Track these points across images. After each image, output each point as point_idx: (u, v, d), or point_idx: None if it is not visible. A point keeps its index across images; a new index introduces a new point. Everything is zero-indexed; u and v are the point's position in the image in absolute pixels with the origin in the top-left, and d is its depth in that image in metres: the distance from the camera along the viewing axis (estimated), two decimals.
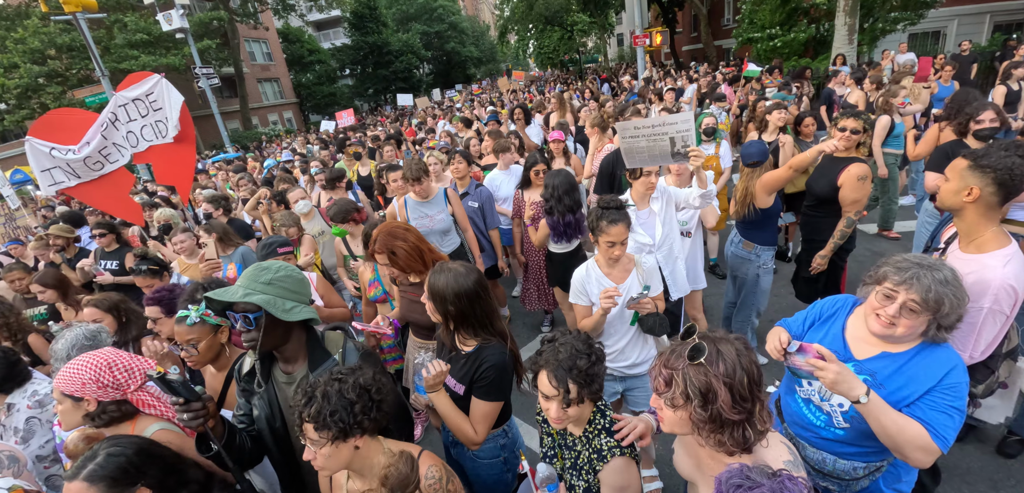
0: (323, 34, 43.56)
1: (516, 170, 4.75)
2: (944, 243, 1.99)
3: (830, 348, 1.58)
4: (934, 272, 1.39)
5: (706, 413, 1.13)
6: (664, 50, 25.59)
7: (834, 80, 8.36)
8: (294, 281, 1.69)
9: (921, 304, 1.38)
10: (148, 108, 4.40)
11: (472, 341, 1.89)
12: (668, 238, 2.98)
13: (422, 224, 3.71)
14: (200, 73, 18.59)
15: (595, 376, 1.48)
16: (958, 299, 1.37)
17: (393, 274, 2.52)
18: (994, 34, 15.97)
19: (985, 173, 1.71)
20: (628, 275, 2.39)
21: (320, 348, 1.76)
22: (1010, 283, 1.67)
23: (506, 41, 36.42)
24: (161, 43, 22.60)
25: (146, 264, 3.60)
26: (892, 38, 14.99)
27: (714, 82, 11.19)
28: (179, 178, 4.77)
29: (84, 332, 2.39)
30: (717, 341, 1.17)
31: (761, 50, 16.05)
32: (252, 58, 34.01)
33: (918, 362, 1.45)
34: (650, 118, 2.67)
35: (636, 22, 14.36)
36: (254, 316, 1.58)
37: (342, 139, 8.67)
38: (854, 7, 12.61)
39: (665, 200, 2.99)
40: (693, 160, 2.65)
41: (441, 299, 1.84)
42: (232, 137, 24.93)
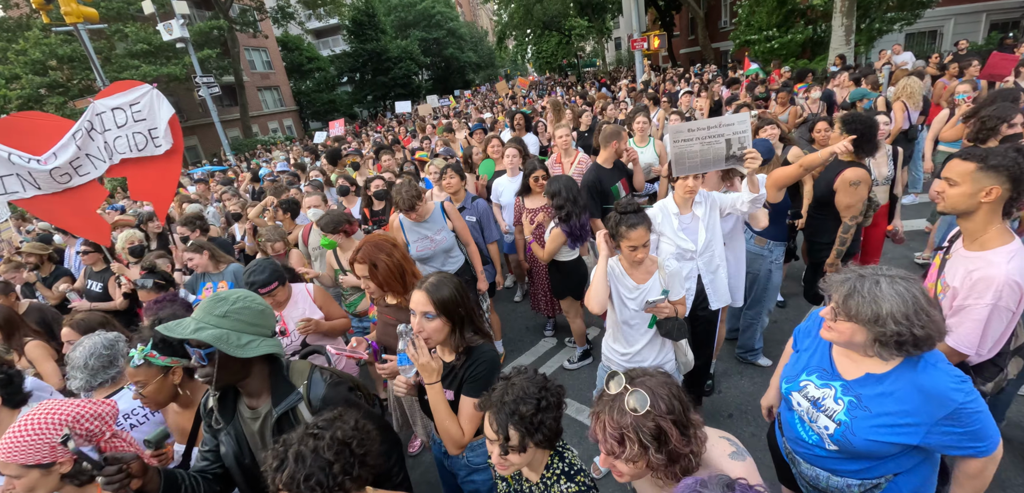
0: (322, 42, 43.79)
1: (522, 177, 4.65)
2: (948, 242, 2.00)
3: (817, 365, 1.62)
4: (867, 282, 1.36)
5: (663, 456, 1.15)
6: (662, 53, 25.65)
7: (833, 81, 8.41)
8: (253, 313, 1.59)
9: (842, 311, 1.39)
10: (129, 117, 3.98)
11: (457, 350, 1.87)
12: (711, 245, 2.87)
13: (423, 247, 3.52)
14: (201, 82, 18.67)
15: (540, 425, 1.33)
16: (897, 313, 1.29)
17: (371, 290, 2.42)
18: (990, 33, 16.05)
19: (999, 172, 1.69)
20: (650, 277, 2.38)
21: (284, 381, 1.66)
22: (1015, 279, 1.67)
23: (504, 46, 36.54)
24: (162, 53, 22.75)
25: (153, 278, 3.46)
26: (889, 38, 15.05)
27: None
28: (158, 194, 4.30)
29: (103, 341, 2.28)
30: (644, 382, 1.21)
31: (758, 52, 16.11)
32: (252, 66, 34.17)
33: (900, 382, 1.41)
34: (705, 120, 2.59)
35: (634, 26, 14.44)
36: (207, 352, 1.49)
37: (335, 150, 8.48)
38: (850, 8, 12.69)
39: (709, 205, 2.87)
40: (749, 162, 2.55)
41: (449, 306, 1.82)
42: (233, 145, 25.00)
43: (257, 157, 19.60)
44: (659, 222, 2.85)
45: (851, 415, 1.48)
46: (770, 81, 10.24)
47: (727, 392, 3.60)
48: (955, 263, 1.87)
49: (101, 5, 21.20)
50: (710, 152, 2.58)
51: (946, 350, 1.84)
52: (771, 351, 3.83)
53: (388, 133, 16.02)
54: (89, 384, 2.21)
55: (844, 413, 1.50)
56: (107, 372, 2.23)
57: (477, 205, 4.05)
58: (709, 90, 9.89)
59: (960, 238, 1.91)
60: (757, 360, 3.76)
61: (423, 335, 1.80)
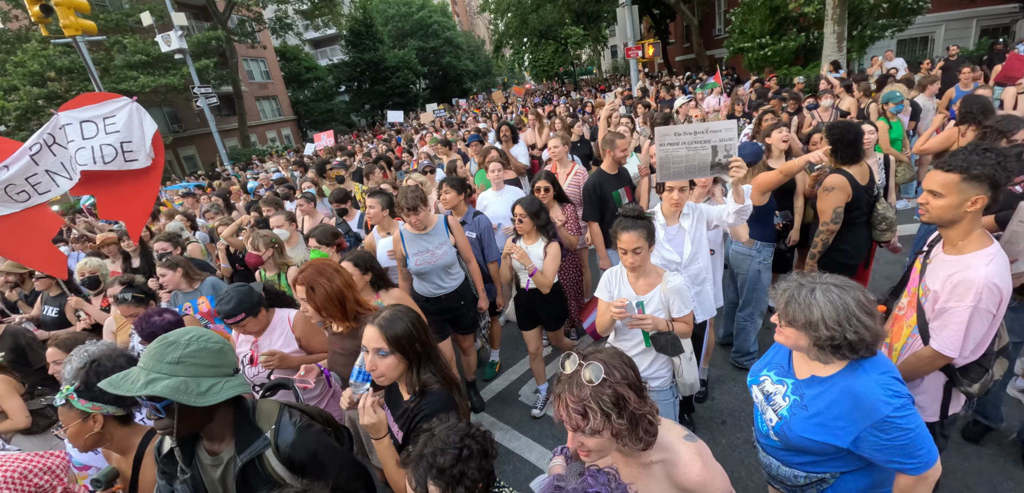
0: (320, 52, 43.98)
1: (509, 191, 4.48)
2: (927, 246, 2.03)
3: (777, 363, 1.75)
4: (803, 290, 1.45)
5: (624, 420, 1.21)
6: (658, 61, 25.86)
7: (823, 87, 8.47)
8: (210, 354, 1.46)
9: (783, 316, 1.49)
10: (100, 130, 3.66)
11: (413, 389, 1.80)
12: (697, 257, 2.86)
13: (422, 260, 3.37)
14: (198, 93, 18.70)
15: (462, 476, 1.25)
16: (829, 318, 1.38)
17: (309, 315, 2.36)
18: (981, 38, 16.21)
19: (982, 181, 1.72)
20: (652, 288, 2.36)
21: (249, 425, 1.54)
22: (994, 282, 1.71)
23: (501, 55, 36.79)
24: (160, 64, 22.82)
25: (132, 292, 3.28)
26: (881, 44, 15.21)
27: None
28: (132, 213, 3.99)
29: (86, 357, 2.18)
30: (597, 355, 1.28)
31: (752, 59, 16.25)
32: (250, 76, 34.28)
33: (837, 386, 1.50)
34: (692, 124, 2.57)
35: (628, 34, 14.53)
36: (163, 404, 1.37)
37: (321, 162, 8.30)
38: (842, 15, 12.83)
39: (696, 217, 2.86)
40: (734, 171, 2.52)
41: (405, 340, 1.75)
42: (231, 155, 25.04)
43: (253, 167, 19.48)
44: None
45: (791, 411, 1.60)
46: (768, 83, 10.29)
47: (720, 399, 3.61)
48: (936, 267, 1.90)
49: (100, 17, 21.28)
50: (696, 158, 2.55)
51: (930, 353, 1.87)
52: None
53: (383, 144, 15.73)
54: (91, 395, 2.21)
55: (786, 409, 1.62)
56: None
57: (478, 221, 3.90)
58: (733, 94, 9.56)
59: (940, 242, 1.94)
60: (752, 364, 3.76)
61: (376, 373, 1.73)
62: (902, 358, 2.00)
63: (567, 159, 4.76)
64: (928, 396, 1.99)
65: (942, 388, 1.96)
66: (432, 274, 3.43)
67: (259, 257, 3.80)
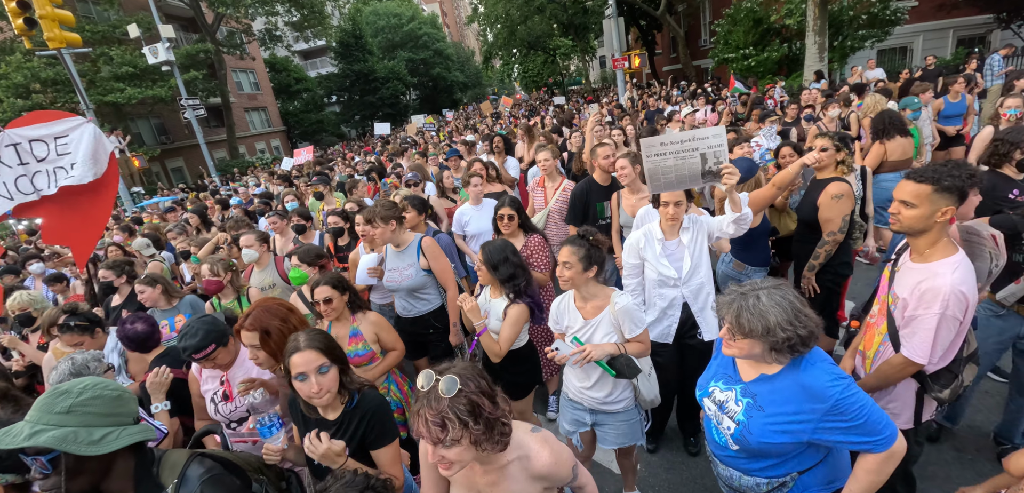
0: (310, 63, 43.97)
1: (489, 205, 4.26)
2: (896, 255, 2.09)
3: (723, 372, 1.79)
4: (750, 299, 1.50)
5: (481, 426, 1.28)
6: (645, 71, 26.20)
7: (805, 96, 8.64)
8: (106, 401, 1.35)
9: (737, 329, 1.52)
10: (51, 151, 3.44)
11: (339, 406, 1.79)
12: (697, 272, 2.71)
13: (391, 278, 3.33)
14: (186, 104, 18.59)
15: None
16: (782, 321, 1.44)
17: (260, 361, 2.15)
18: (958, 48, 16.66)
19: (951, 193, 1.78)
20: (600, 312, 2.28)
21: (150, 479, 1.41)
22: (960, 289, 1.75)
23: (491, 66, 37.02)
24: (147, 75, 22.64)
25: (75, 320, 3.08)
26: (862, 54, 15.57)
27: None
28: (80, 238, 3.68)
29: (69, 368, 2.26)
30: (450, 370, 1.34)
31: (736, 69, 16.53)
32: (239, 88, 34.13)
33: (787, 381, 1.56)
34: (678, 133, 2.45)
35: (615, 46, 14.73)
36: (49, 458, 1.26)
37: (292, 175, 7.97)
38: (823, 27, 13.14)
39: (696, 230, 2.72)
40: (726, 178, 2.41)
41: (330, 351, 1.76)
42: (219, 166, 24.84)
43: (237, 180, 18.87)
44: (641, 246, 2.78)
45: (748, 415, 1.63)
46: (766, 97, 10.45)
47: None
48: (904, 275, 1.95)
49: (86, 29, 21.12)
50: (685, 168, 2.45)
51: (902, 360, 1.91)
52: None
53: (366, 159, 15.31)
54: None
55: (742, 413, 1.65)
56: None
57: (438, 240, 3.65)
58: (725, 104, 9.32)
59: (908, 251, 1.99)
60: None
61: (321, 393, 1.72)
62: (875, 365, 2.05)
63: (556, 173, 4.61)
64: (900, 402, 2.03)
65: (914, 395, 2.01)
66: (400, 294, 3.38)
67: (219, 282, 3.45)
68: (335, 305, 2.66)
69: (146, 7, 19.78)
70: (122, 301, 4.12)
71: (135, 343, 2.82)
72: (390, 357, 2.81)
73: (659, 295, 2.79)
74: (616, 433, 2.43)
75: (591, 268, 2.23)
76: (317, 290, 2.66)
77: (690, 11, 25.72)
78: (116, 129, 17.81)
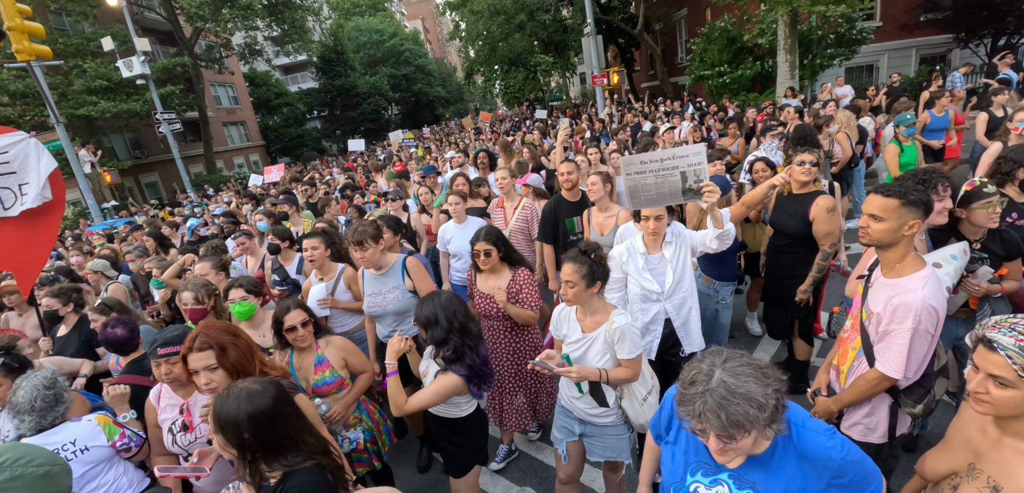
0: (291, 78, 43.61)
1: (473, 222, 4.25)
2: (868, 270, 2.13)
3: (697, 460, 1.47)
4: (724, 389, 1.17)
5: None
6: (625, 87, 26.73)
7: (783, 113, 8.90)
8: (28, 482, 1.26)
9: (733, 431, 1.16)
10: None
11: (278, 469, 1.58)
12: (680, 286, 2.72)
13: (373, 303, 3.17)
14: (161, 118, 18.15)
15: None
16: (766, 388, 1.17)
17: (215, 385, 1.94)
18: (920, 66, 17.46)
19: (917, 207, 1.82)
20: (599, 327, 2.24)
21: None
22: (930, 303, 1.78)
23: (473, 82, 37.26)
24: (122, 89, 22.11)
25: (5, 357, 2.95)
26: (831, 72, 16.17)
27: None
28: (23, 263, 3.41)
29: (42, 380, 2.22)
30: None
31: (712, 86, 17.00)
32: (218, 102, 33.61)
33: (785, 458, 1.34)
34: (659, 151, 2.46)
35: (594, 63, 15.00)
36: None
37: (260, 194, 7.57)
38: (793, 45, 13.63)
39: (679, 244, 2.73)
40: (707, 196, 2.42)
41: (235, 428, 1.49)
42: (195, 181, 24.28)
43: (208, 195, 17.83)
44: (624, 261, 2.78)
45: None
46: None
47: None
48: (877, 290, 1.98)
49: (59, 42, 20.59)
50: (665, 185, 2.46)
51: (877, 375, 1.93)
52: None
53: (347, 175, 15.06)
54: (39, 425, 2.17)
55: None
56: (56, 410, 2.22)
57: (488, 225, 3.62)
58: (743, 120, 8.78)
59: (879, 266, 2.03)
60: None
61: None
62: (849, 380, 2.08)
63: (514, 192, 4.54)
64: (875, 417, 2.06)
65: (888, 410, 2.04)
66: (384, 320, 3.23)
67: (204, 310, 3.08)
68: (301, 333, 2.54)
69: (123, 20, 19.36)
70: (68, 331, 3.82)
71: (115, 346, 2.88)
72: (360, 382, 2.73)
73: (642, 310, 2.80)
74: (603, 446, 2.41)
75: (594, 284, 2.21)
76: (289, 316, 2.53)
77: (667, 30, 26.38)
78: (87, 143, 17.26)
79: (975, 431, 1.46)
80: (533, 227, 4.39)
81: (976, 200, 2.45)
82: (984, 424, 1.43)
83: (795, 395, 3.49)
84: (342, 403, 2.59)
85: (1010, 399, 1.25)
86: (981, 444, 1.42)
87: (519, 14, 25.71)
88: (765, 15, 14.45)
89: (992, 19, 14.81)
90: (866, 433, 2.08)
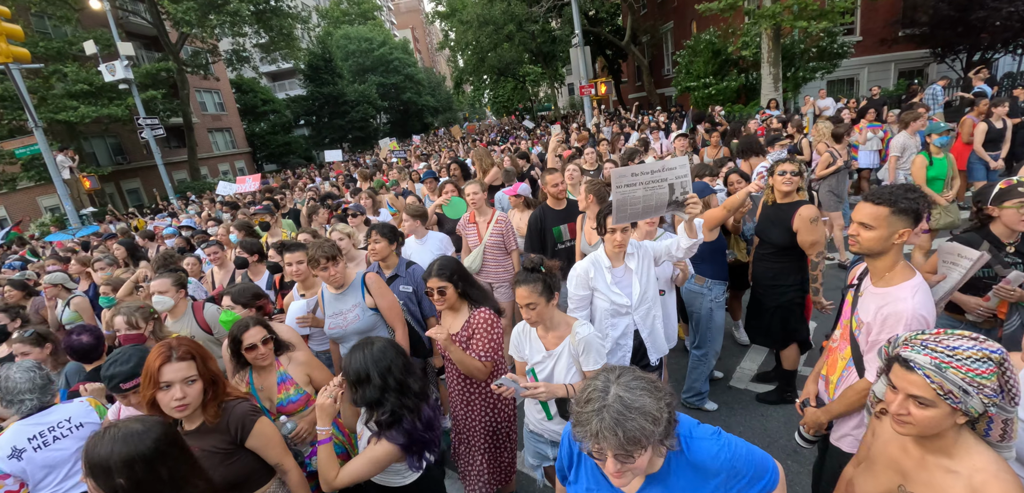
0: (278, 85, 43.28)
1: (434, 237, 4.14)
2: (857, 280, 2.13)
3: (595, 484, 1.44)
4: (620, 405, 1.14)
5: None
6: (612, 98, 27.03)
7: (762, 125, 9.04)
8: None
9: (631, 448, 1.12)
10: None
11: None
12: (646, 297, 2.75)
13: (334, 324, 2.99)
14: (143, 124, 17.81)
15: None
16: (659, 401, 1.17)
17: (189, 403, 1.81)
18: (899, 79, 17.96)
19: (906, 215, 1.81)
20: (562, 341, 2.21)
21: None
22: (921, 312, 1.78)
23: (462, 91, 37.37)
24: (103, 93, 21.65)
25: (34, 329, 3.03)
26: (813, 85, 16.54)
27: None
28: None
29: (29, 364, 2.32)
30: None
31: (698, 98, 17.27)
32: (203, 108, 33.14)
33: (680, 471, 1.33)
34: (648, 164, 2.45)
35: (581, 74, 15.14)
36: None
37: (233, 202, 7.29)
38: (776, 58, 13.93)
39: (641, 256, 2.75)
40: (690, 208, 2.45)
41: (105, 473, 1.33)
42: (178, 188, 23.85)
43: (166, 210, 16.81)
44: (591, 277, 2.73)
45: None
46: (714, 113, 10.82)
47: None
48: (867, 300, 1.97)
49: (40, 45, 20.14)
50: (653, 198, 2.43)
51: (866, 386, 1.91)
52: (716, 395, 3.84)
53: (326, 182, 14.59)
54: (40, 403, 2.27)
55: None
56: (49, 389, 2.34)
57: (412, 273, 3.41)
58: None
59: (868, 275, 2.03)
60: (704, 405, 3.74)
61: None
62: (839, 390, 2.07)
63: (485, 207, 4.33)
64: (864, 429, 2.05)
65: None
66: (346, 341, 3.00)
67: (140, 336, 2.83)
68: (262, 351, 2.43)
69: (107, 24, 19.03)
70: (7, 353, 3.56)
71: (80, 354, 2.85)
72: None
73: (611, 325, 2.76)
74: None
75: (553, 297, 2.16)
76: (248, 334, 2.41)
77: (653, 42, 26.80)
78: (67, 148, 16.86)
79: (896, 450, 1.42)
80: (509, 240, 4.26)
81: (1009, 199, 2.41)
82: (904, 443, 1.38)
83: (784, 405, 3.56)
84: (308, 420, 2.48)
85: (931, 419, 1.21)
86: (905, 463, 1.38)
87: (507, 25, 25.94)
88: (749, 29, 14.78)
89: (967, 35, 15.28)
90: (856, 444, 2.06)
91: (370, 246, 3.43)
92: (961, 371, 1.15)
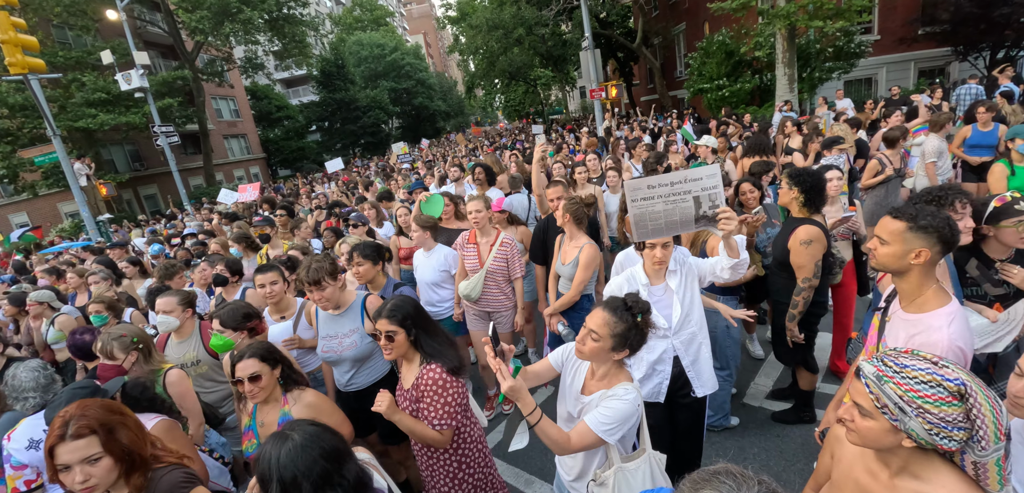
0: (292, 91, 43.89)
1: (440, 251, 3.95)
2: (884, 302, 1.98)
3: None
4: None
5: None
6: (624, 101, 26.84)
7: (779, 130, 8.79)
8: None
9: None
10: None
11: None
12: (690, 320, 2.47)
13: (328, 347, 2.75)
14: (159, 131, 18.11)
15: None
16: None
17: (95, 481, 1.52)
18: (919, 79, 17.44)
19: (929, 234, 1.64)
20: (594, 394, 1.92)
21: None
22: (958, 344, 1.60)
23: (473, 95, 37.47)
24: (121, 101, 22.17)
25: None
26: (830, 85, 16.16)
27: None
28: None
29: (35, 364, 2.46)
30: None
31: (711, 99, 17.01)
32: (219, 115, 33.77)
33: None
34: (667, 175, 2.19)
35: (592, 77, 15.00)
36: None
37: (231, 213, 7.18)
38: (791, 59, 13.61)
39: (684, 273, 2.47)
40: (723, 223, 2.15)
41: None
42: (193, 194, 24.24)
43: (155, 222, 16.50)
44: (624, 293, 2.61)
45: None
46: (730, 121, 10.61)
47: None
48: (895, 325, 1.81)
49: (59, 55, 20.73)
50: (676, 213, 2.18)
51: None
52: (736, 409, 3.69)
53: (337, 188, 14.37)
54: (43, 400, 2.33)
55: None
56: (53, 388, 2.43)
57: (400, 295, 3.20)
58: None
59: (896, 298, 1.86)
60: (728, 423, 3.51)
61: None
62: None
63: (489, 227, 3.83)
64: None
65: None
66: (341, 366, 2.80)
67: (118, 368, 2.50)
68: (264, 383, 2.13)
69: (124, 34, 19.46)
70: None
71: (82, 353, 2.95)
72: None
73: (647, 348, 2.54)
74: None
75: (622, 350, 1.80)
76: (240, 365, 2.11)
77: (665, 44, 26.53)
78: (84, 156, 17.21)
79: (862, 473, 1.31)
80: (514, 267, 3.75)
81: (1006, 217, 2.25)
82: (869, 465, 1.28)
83: (801, 426, 3.38)
84: None
85: (870, 430, 1.16)
86: (873, 487, 1.27)
87: (517, 28, 25.88)
88: (763, 29, 14.48)
89: (990, 32, 14.81)
90: None
91: (353, 269, 3.19)
92: (900, 388, 1.09)
